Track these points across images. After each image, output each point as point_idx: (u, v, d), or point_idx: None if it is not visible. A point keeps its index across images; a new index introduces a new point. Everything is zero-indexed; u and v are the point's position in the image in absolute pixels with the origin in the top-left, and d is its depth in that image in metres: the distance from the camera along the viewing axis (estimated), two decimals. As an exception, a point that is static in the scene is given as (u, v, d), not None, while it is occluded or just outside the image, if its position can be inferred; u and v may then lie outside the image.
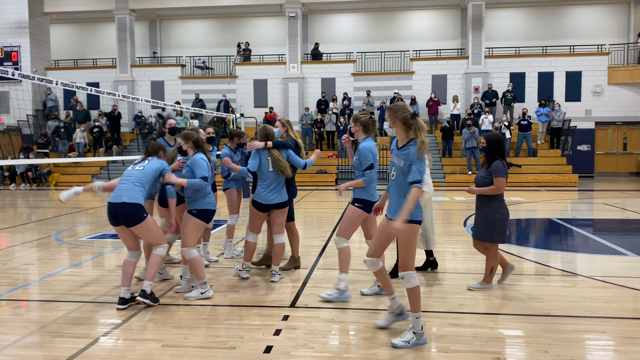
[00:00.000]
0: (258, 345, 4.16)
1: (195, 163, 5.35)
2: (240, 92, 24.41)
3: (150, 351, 4.07)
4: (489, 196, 5.52)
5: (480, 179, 5.56)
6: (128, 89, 24.47)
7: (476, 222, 5.67)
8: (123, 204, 4.98)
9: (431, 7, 25.52)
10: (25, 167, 20.39)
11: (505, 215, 5.55)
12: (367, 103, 22.37)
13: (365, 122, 5.18)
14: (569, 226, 10.13)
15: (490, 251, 5.64)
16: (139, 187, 5.10)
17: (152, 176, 5.25)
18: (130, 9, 24.53)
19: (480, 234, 5.59)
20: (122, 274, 5.14)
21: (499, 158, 5.51)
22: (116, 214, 5.03)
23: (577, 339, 4.30)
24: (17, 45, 24.16)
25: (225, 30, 26.89)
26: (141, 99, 10.18)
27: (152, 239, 5.17)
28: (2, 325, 4.67)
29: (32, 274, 6.59)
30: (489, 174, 5.47)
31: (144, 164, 5.32)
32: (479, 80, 22.90)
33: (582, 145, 22.59)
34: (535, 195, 15.73)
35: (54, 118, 22.89)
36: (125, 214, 4.99)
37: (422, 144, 4.01)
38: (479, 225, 5.60)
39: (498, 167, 5.43)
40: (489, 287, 5.67)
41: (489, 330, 4.46)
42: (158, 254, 5.20)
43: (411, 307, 4.20)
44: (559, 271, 6.57)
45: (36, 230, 9.97)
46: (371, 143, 5.17)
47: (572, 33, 24.21)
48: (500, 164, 5.45)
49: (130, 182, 5.13)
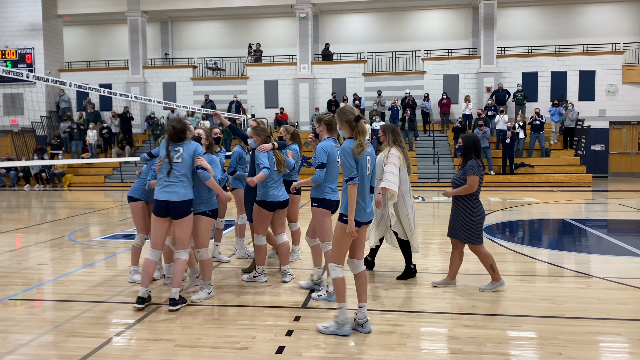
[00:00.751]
0: (270, 345, 4.17)
1: (215, 163, 5.41)
2: (251, 93, 24.48)
3: (163, 351, 4.09)
4: (466, 197, 5.54)
5: (457, 180, 5.60)
6: (140, 90, 24.64)
7: (454, 223, 5.70)
8: (174, 202, 4.99)
9: (442, 7, 25.41)
10: (39, 168, 20.61)
11: (482, 217, 5.59)
12: (378, 103, 22.33)
13: (329, 122, 5.16)
14: (583, 227, 10.03)
15: (478, 252, 5.65)
16: (187, 182, 5.07)
17: (191, 162, 5.12)
18: (142, 10, 24.69)
19: (460, 236, 5.63)
20: (142, 273, 5.12)
21: (475, 157, 5.53)
22: (167, 207, 5.00)
23: (591, 340, 4.26)
24: (31, 48, 24.44)
25: (236, 31, 26.98)
26: (154, 100, 10.24)
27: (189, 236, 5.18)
28: (18, 325, 4.72)
29: (46, 274, 6.65)
30: (464, 173, 5.50)
31: (179, 153, 5.07)
32: (491, 80, 22.76)
33: (596, 145, 22.36)
34: (548, 196, 15.59)
35: (66, 119, 23.11)
36: (175, 208, 5.00)
37: (359, 146, 4.26)
38: (458, 226, 5.64)
39: (472, 165, 5.45)
40: (500, 285, 5.63)
41: (501, 332, 4.43)
42: (182, 259, 5.13)
43: (336, 298, 4.47)
44: (573, 272, 6.50)
45: (50, 230, 10.07)
46: (329, 143, 5.09)
47: (585, 32, 23.97)
48: (475, 163, 5.47)
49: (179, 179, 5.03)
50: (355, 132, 4.36)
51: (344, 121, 4.42)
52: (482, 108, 21.00)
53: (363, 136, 4.34)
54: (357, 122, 4.38)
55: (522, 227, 10.47)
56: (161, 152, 5.15)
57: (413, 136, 21.39)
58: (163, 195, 4.99)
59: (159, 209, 5.03)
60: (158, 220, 5.07)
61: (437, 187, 18.52)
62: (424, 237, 9.00)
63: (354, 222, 4.26)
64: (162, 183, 5.03)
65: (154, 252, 5.15)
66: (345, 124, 4.42)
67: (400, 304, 5.21)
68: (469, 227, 5.54)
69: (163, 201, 4.99)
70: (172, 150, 5.06)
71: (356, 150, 4.25)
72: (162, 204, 5.00)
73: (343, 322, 4.39)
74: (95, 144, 22.08)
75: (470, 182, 5.42)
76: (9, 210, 13.70)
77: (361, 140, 4.31)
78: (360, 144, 4.27)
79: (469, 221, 5.54)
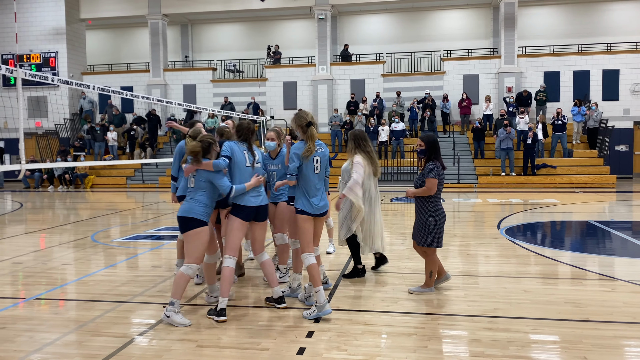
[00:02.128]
0: (291, 346, 4.18)
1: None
2: (270, 95, 24.58)
3: (185, 351, 4.13)
4: (425, 199, 5.50)
5: (417, 182, 5.57)
6: (161, 93, 24.92)
7: (414, 225, 5.69)
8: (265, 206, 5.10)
9: (462, 7, 25.20)
10: (62, 169, 20.97)
11: (440, 219, 5.52)
12: (397, 104, 22.24)
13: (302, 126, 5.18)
14: (607, 229, 9.86)
15: (427, 255, 5.59)
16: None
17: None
18: (163, 13, 24.97)
19: (416, 238, 5.61)
20: (222, 283, 4.85)
21: (434, 160, 5.48)
22: (257, 212, 5.02)
23: (617, 345, 4.18)
24: (55, 52, 24.89)
25: (255, 33, 27.13)
26: (174, 102, 10.34)
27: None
28: (43, 324, 4.80)
29: (70, 274, 6.77)
30: (424, 175, 5.48)
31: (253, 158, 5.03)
32: (511, 80, 22.50)
33: (620, 145, 21.94)
34: (571, 197, 15.36)
35: (89, 121, 23.48)
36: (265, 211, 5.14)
37: (307, 150, 4.86)
38: (415, 228, 5.62)
39: (430, 168, 5.40)
40: (429, 291, 5.62)
41: (524, 335, 4.38)
42: (229, 267, 4.90)
43: (313, 283, 4.87)
44: (597, 275, 6.39)
45: (73, 231, 10.24)
46: (301, 145, 5.02)
47: (608, 30, 23.55)
48: (433, 165, 5.42)
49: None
50: (306, 137, 4.91)
51: (298, 125, 4.96)
52: (505, 108, 20.75)
53: (312, 140, 4.90)
54: (307, 127, 4.90)
55: (544, 229, 10.33)
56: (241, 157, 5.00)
57: (433, 137, 21.20)
58: (254, 201, 4.95)
59: (249, 215, 4.98)
60: (244, 225, 4.98)
61: (458, 189, 18.37)
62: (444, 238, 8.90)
63: (303, 212, 4.93)
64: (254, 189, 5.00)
65: (233, 260, 4.95)
66: (299, 128, 4.96)
67: (421, 306, 5.19)
68: (423, 228, 5.50)
69: (254, 207, 4.96)
70: (249, 155, 5.02)
71: (305, 153, 4.86)
72: (253, 210, 4.96)
73: (323, 304, 4.75)
74: (116, 145, 22.39)
75: (428, 184, 5.38)
76: (34, 212, 13.97)
77: (310, 144, 4.88)
78: (309, 148, 4.87)
79: (423, 221, 5.50)
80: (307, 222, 4.97)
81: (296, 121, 4.97)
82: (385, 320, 4.81)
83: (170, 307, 4.75)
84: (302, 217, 4.96)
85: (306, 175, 4.97)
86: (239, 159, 4.93)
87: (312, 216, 4.98)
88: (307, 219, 4.97)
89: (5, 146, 23.54)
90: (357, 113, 21.71)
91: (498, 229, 9.77)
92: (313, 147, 4.90)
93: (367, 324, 4.71)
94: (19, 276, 6.68)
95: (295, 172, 4.92)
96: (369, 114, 21.81)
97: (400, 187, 19.05)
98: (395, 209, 13.33)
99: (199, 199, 4.83)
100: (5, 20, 25.06)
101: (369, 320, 4.81)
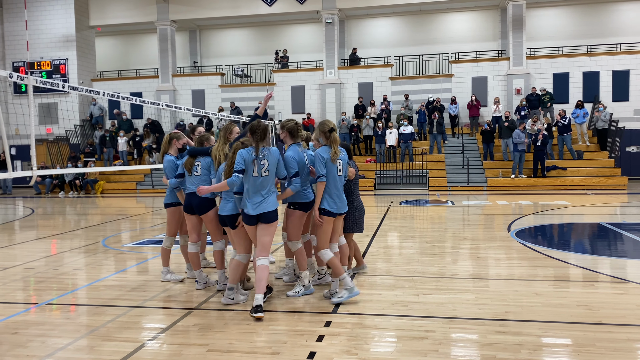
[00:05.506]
0: (301, 351, 4.17)
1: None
2: (279, 99, 24.64)
3: (195, 356, 4.14)
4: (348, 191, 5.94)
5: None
6: (170, 98, 25.06)
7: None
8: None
9: (469, 9, 25.14)
10: (73, 175, 21.13)
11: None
12: (406, 107, 22.21)
13: (291, 129, 5.51)
14: (619, 230, 9.77)
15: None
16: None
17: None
18: (171, 19, 25.14)
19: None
20: (257, 281, 5.02)
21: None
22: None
23: (630, 348, 4.14)
24: (65, 59, 25.12)
25: (263, 38, 27.23)
26: (183, 107, 10.40)
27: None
28: (55, 329, 4.84)
29: (81, 279, 6.81)
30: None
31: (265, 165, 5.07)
32: (520, 82, 22.40)
33: (631, 146, 21.74)
34: (581, 199, 15.24)
35: (100, 128, 23.66)
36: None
37: (334, 154, 5.28)
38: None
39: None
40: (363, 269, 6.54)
41: (536, 339, 4.34)
42: (265, 265, 5.07)
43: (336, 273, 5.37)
44: (609, 277, 6.33)
45: (84, 236, 10.31)
46: (296, 150, 5.40)
47: (618, 31, 23.38)
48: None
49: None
50: (330, 141, 5.33)
51: (322, 131, 5.37)
52: (513, 110, 20.62)
53: (336, 145, 5.33)
54: (330, 133, 5.33)
55: (554, 231, 10.25)
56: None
57: (441, 139, 21.21)
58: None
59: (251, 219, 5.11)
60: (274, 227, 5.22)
61: (467, 191, 18.30)
62: (453, 241, 8.88)
63: (328, 212, 5.32)
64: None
65: (266, 259, 5.09)
66: (322, 134, 5.37)
67: (432, 309, 5.16)
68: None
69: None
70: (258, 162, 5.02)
71: (333, 157, 5.27)
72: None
73: (351, 287, 5.31)
74: (126, 151, 22.54)
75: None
76: (45, 217, 14.08)
77: (335, 148, 5.29)
78: (334, 152, 5.28)
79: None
80: (329, 223, 5.38)
81: (320, 128, 5.39)
82: (396, 323, 4.79)
83: (230, 291, 5.37)
84: (325, 218, 5.34)
85: (332, 177, 5.33)
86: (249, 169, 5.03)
87: (334, 216, 5.39)
88: (329, 220, 5.37)
89: (16, 152, 23.76)
90: (365, 116, 21.71)
91: (508, 231, 9.71)
92: (338, 150, 5.31)
93: (377, 327, 4.70)
94: (30, 281, 6.73)
95: (324, 173, 5.27)
96: (377, 117, 21.80)
97: (409, 191, 19.01)
98: (404, 212, 13.29)
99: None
100: (16, 28, 25.36)
101: (379, 324, 4.80)
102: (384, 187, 19.85)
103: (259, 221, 5.08)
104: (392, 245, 8.74)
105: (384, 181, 20.06)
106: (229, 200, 5.33)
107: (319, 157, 5.27)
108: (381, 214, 12.58)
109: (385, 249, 8.34)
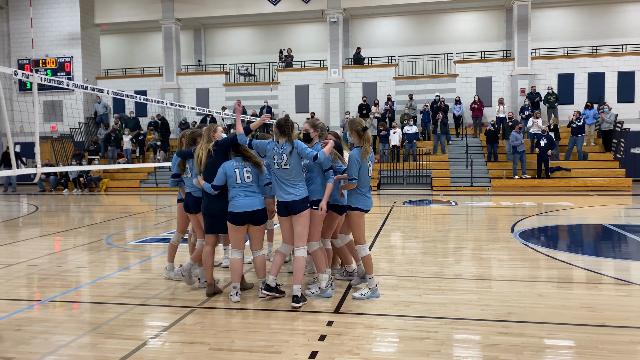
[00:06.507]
0: (303, 350, 4.17)
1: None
2: (282, 98, 24.64)
3: (197, 354, 4.14)
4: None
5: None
6: (174, 97, 25.10)
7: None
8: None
9: (475, 9, 25.09)
10: (77, 173, 21.19)
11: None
12: (410, 107, 22.18)
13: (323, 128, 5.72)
14: (623, 232, 9.73)
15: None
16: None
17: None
18: (176, 18, 25.18)
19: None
20: (295, 271, 5.29)
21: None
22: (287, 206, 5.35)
23: (634, 350, 4.12)
24: (70, 56, 25.20)
25: (267, 37, 27.25)
26: (187, 106, 10.42)
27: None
28: (58, 326, 4.85)
29: (84, 277, 6.83)
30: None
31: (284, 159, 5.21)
32: (525, 82, 22.34)
33: (636, 148, 21.65)
34: (586, 200, 15.19)
35: (106, 127, 23.71)
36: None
37: (365, 152, 5.34)
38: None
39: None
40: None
41: (539, 340, 4.33)
42: (302, 257, 5.33)
43: (367, 270, 5.53)
44: (613, 279, 6.31)
45: (88, 234, 10.33)
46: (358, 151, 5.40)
47: (624, 31, 23.28)
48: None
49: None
50: (362, 140, 5.38)
51: (354, 130, 5.40)
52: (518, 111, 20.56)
53: (368, 143, 5.37)
54: (364, 131, 5.38)
55: (558, 232, 10.23)
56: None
57: (445, 140, 21.17)
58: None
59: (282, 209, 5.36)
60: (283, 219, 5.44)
61: (471, 192, 18.26)
62: (457, 242, 8.87)
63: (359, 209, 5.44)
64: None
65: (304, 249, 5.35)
66: (354, 133, 5.40)
67: (434, 310, 5.15)
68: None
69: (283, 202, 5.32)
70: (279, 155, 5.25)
71: (364, 155, 5.32)
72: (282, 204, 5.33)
73: (375, 289, 5.52)
74: (131, 149, 22.58)
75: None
76: (49, 214, 14.13)
77: (366, 146, 5.34)
78: (366, 150, 5.32)
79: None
80: (361, 217, 5.50)
81: (352, 127, 5.41)
82: (398, 324, 4.79)
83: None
84: (357, 213, 5.45)
85: (363, 174, 5.41)
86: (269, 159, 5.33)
87: (365, 212, 5.50)
88: (361, 215, 5.49)
89: (21, 150, 23.84)
90: (369, 116, 21.69)
91: (512, 232, 9.69)
92: (369, 149, 5.38)
93: (379, 327, 4.70)
94: (34, 278, 6.76)
95: (357, 175, 5.33)
96: (381, 117, 21.78)
97: (412, 191, 18.99)
98: (407, 212, 13.28)
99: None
100: (21, 26, 25.44)
101: (381, 324, 4.80)
102: (387, 186, 19.83)
103: (289, 212, 5.30)
104: (395, 245, 8.73)
105: (388, 181, 20.04)
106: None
107: (354, 159, 5.30)
108: (384, 214, 12.57)
109: (388, 249, 8.34)
